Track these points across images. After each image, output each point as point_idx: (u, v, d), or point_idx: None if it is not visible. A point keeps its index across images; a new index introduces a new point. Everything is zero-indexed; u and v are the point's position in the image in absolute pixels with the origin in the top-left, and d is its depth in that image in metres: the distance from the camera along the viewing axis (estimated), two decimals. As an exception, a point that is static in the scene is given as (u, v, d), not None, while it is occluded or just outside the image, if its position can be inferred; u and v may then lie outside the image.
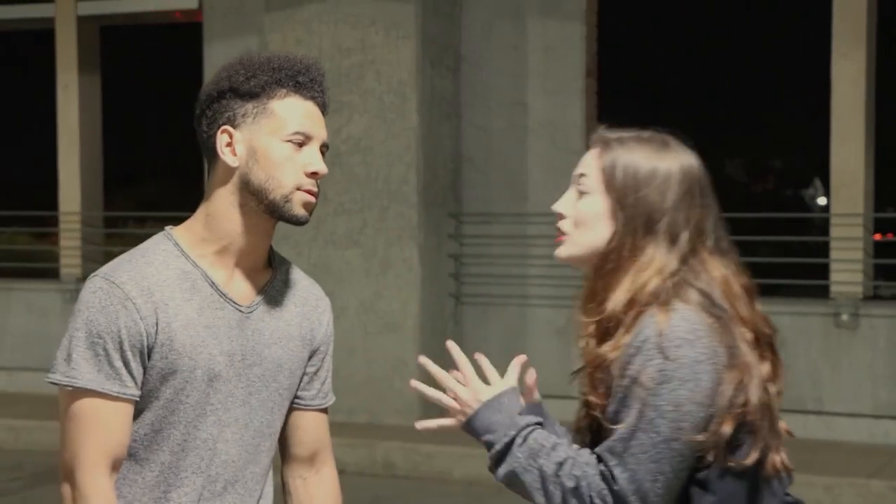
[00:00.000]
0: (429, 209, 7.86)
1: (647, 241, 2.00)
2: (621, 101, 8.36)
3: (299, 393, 2.26)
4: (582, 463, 1.95)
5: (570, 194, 2.08)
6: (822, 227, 8.25)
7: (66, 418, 2.05)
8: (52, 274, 9.75)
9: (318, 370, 2.28)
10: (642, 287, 1.97)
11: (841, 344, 7.37)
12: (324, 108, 2.15)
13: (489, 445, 2.03)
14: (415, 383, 2.18)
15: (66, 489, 2.06)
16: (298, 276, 2.27)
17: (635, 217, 2.00)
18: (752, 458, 1.93)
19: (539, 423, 2.05)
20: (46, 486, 7.13)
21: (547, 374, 8.68)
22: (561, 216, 2.09)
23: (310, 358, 2.26)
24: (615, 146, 2.04)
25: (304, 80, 2.11)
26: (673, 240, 2.00)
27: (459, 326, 8.26)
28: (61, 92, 9.49)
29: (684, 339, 1.91)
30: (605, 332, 2.00)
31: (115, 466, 2.06)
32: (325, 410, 2.32)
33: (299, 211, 2.09)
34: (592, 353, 2.00)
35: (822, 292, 7.61)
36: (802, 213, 9.18)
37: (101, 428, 2.03)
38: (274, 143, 2.07)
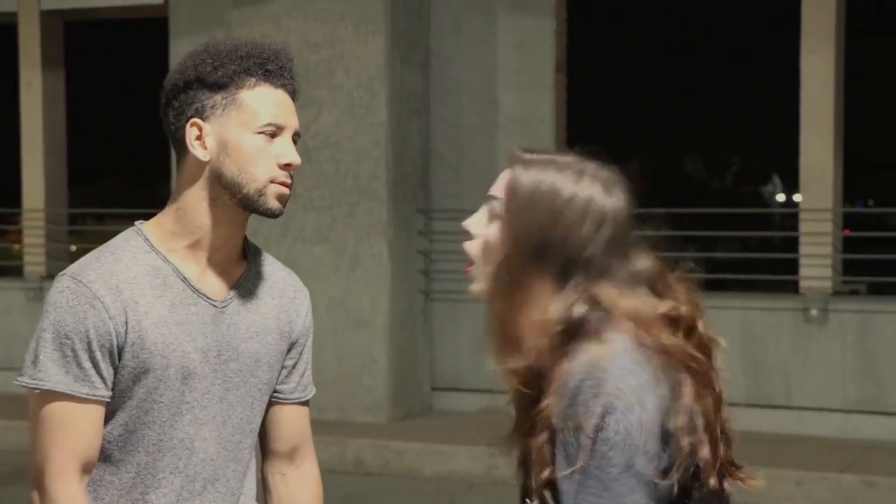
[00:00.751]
0: (398, 205, 7.83)
1: (542, 273, 1.83)
2: (591, 96, 8.36)
3: (278, 387, 2.21)
4: None
5: (482, 214, 1.90)
6: (790, 223, 8.28)
7: (35, 422, 2.00)
8: (15, 272, 9.63)
9: (296, 363, 2.22)
10: (541, 326, 1.81)
11: (810, 339, 7.39)
12: (294, 95, 2.09)
13: None
14: None
15: (35, 495, 2.00)
16: (275, 267, 2.21)
17: (524, 242, 1.83)
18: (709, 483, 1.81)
19: None
20: (14, 486, 7.04)
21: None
22: (469, 235, 1.92)
23: (288, 351, 2.20)
24: (520, 168, 1.88)
25: (273, 68, 2.05)
26: (564, 276, 1.83)
27: (429, 323, 8.23)
28: (25, 89, 9.37)
29: (625, 368, 1.77)
30: (532, 378, 1.84)
31: (87, 470, 2.01)
32: (305, 403, 2.27)
33: (273, 204, 2.03)
34: (526, 417, 1.84)
35: (792, 288, 7.64)
36: (772, 209, 9.23)
37: (71, 431, 1.97)
38: (245, 135, 2.01)
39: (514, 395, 1.87)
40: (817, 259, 7.52)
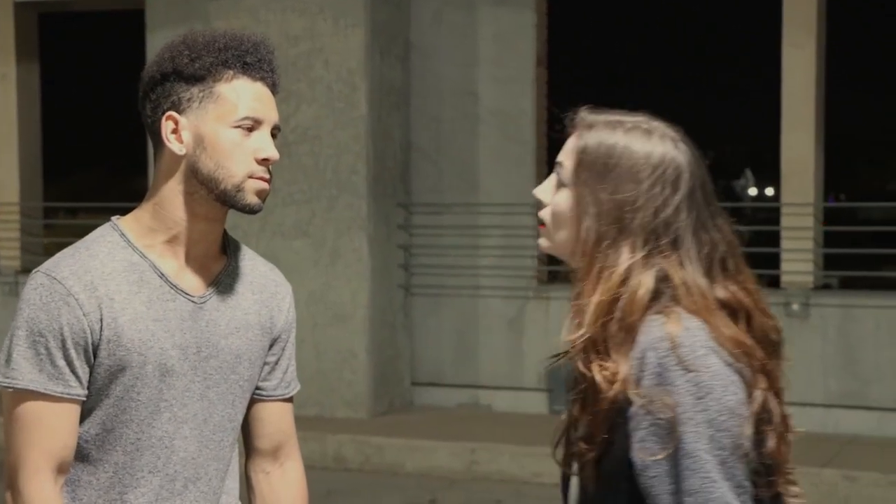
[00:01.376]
0: (378, 199, 7.78)
1: (618, 241, 1.78)
2: (572, 90, 8.32)
3: (260, 383, 2.16)
4: None
5: (551, 181, 1.89)
6: (771, 217, 8.27)
7: (9, 421, 1.95)
8: (-10, 267, 9.54)
9: (279, 359, 2.18)
10: (612, 297, 1.76)
11: (791, 333, 7.38)
12: (274, 88, 2.04)
13: None
14: None
15: (8, 495, 1.96)
16: (256, 262, 2.16)
17: (603, 213, 1.79)
18: (773, 487, 1.75)
19: None
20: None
21: (497, 366, 8.69)
22: (540, 204, 1.89)
23: (270, 347, 2.15)
24: (587, 132, 1.84)
25: (252, 61, 2.00)
26: (645, 242, 1.78)
27: (409, 318, 8.19)
28: (-1, 81, 9.28)
29: (707, 346, 1.71)
30: (593, 349, 1.77)
31: (62, 470, 1.96)
32: (289, 400, 2.22)
33: (252, 200, 1.99)
34: (586, 386, 1.77)
35: (773, 282, 7.62)
36: (752, 204, 9.23)
37: (45, 431, 1.93)
38: (222, 129, 1.97)
39: (573, 369, 1.81)
40: (799, 253, 7.51)
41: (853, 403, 7.28)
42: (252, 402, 2.16)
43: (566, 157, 1.86)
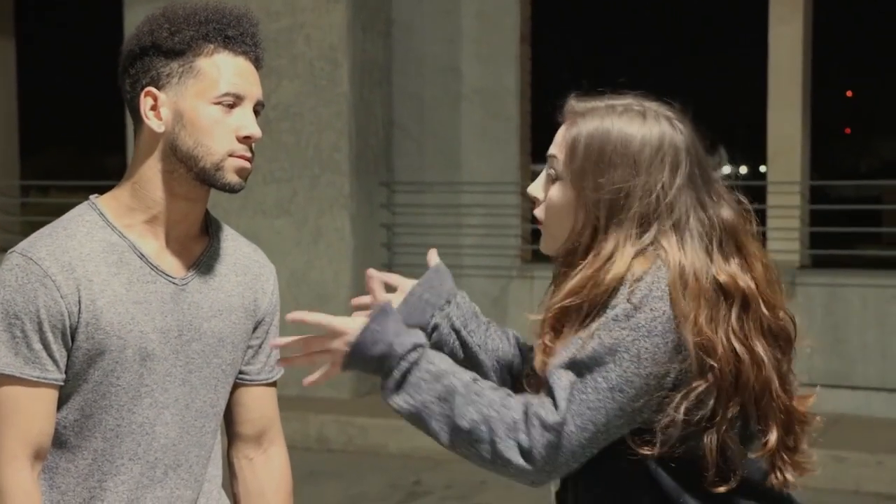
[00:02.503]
0: (361, 178, 7.70)
1: (610, 231, 1.72)
2: (556, 67, 8.25)
3: (244, 368, 2.10)
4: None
5: (542, 177, 1.83)
6: (757, 195, 8.23)
7: None
8: (-33, 246, 9.43)
9: (262, 342, 2.12)
10: (600, 276, 1.70)
11: (777, 312, 7.34)
12: (257, 63, 1.97)
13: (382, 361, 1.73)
14: (278, 341, 1.89)
15: None
16: (238, 243, 2.10)
17: (600, 202, 1.72)
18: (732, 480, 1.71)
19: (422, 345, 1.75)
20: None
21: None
22: (535, 200, 1.84)
23: (254, 330, 2.09)
24: (578, 121, 1.77)
25: (234, 34, 1.92)
26: (644, 228, 1.72)
27: (392, 297, 8.11)
28: (-26, 57, 9.15)
29: (664, 291, 1.67)
30: (550, 328, 1.74)
31: (39, 456, 1.90)
32: (272, 385, 2.17)
33: (232, 178, 1.92)
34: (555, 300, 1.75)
35: (759, 261, 7.58)
36: (739, 182, 9.19)
37: (21, 416, 1.86)
38: (201, 105, 1.90)
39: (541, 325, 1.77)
40: (785, 232, 7.47)
41: (839, 383, 7.26)
42: (235, 386, 2.10)
43: (558, 149, 1.80)
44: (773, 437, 1.73)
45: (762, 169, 9.82)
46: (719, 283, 1.71)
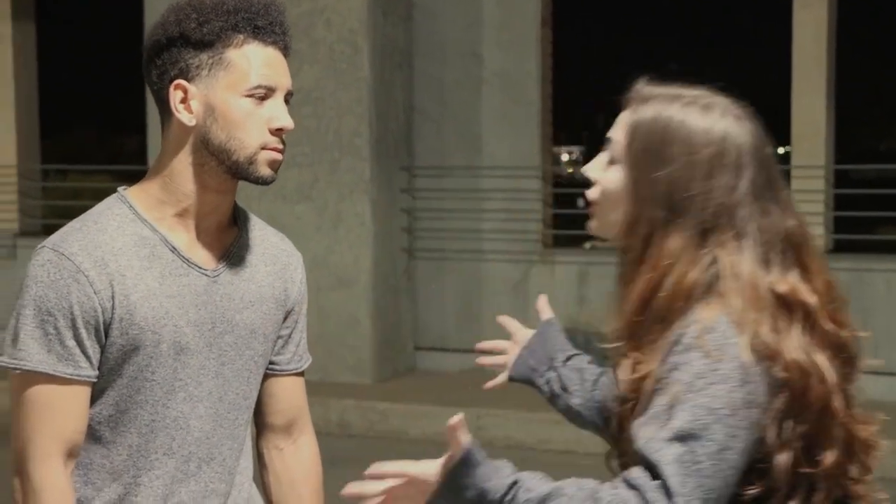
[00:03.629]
0: (381, 162, 7.68)
1: (669, 226, 1.66)
2: (577, 51, 8.20)
3: (273, 358, 2.09)
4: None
5: (601, 158, 1.77)
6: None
7: (16, 404, 1.87)
8: (-12, 230, 9.46)
9: (292, 332, 2.10)
10: (655, 286, 1.65)
11: (800, 298, 7.30)
12: (286, 51, 1.94)
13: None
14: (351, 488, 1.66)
15: (16, 481, 1.88)
16: (266, 232, 2.09)
17: (656, 195, 1.66)
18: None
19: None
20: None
21: (502, 331, 8.58)
22: (590, 181, 1.78)
23: (284, 319, 2.08)
24: (642, 105, 1.71)
25: (263, 24, 1.89)
26: (702, 232, 1.65)
27: (412, 282, 8.10)
28: (-5, 41, 9.17)
29: (733, 339, 1.58)
30: (629, 340, 1.68)
31: (72, 454, 1.88)
32: (301, 374, 2.15)
33: (265, 171, 1.91)
34: (628, 379, 1.67)
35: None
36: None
37: (55, 413, 1.85)
38: (233, 98, 1.87)
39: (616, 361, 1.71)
40: (809, 217, 7.40)
41: (865, 369, 7.21)
42: (264, 377, 2.09)
43: (618, 132, 1.74)
44: (830, 457, 1.64)
45: (780, 150, 9.77)
46: (779, 294, 1.64)
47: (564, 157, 29.48)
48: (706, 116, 1.68)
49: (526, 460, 6.63)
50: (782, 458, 1.61)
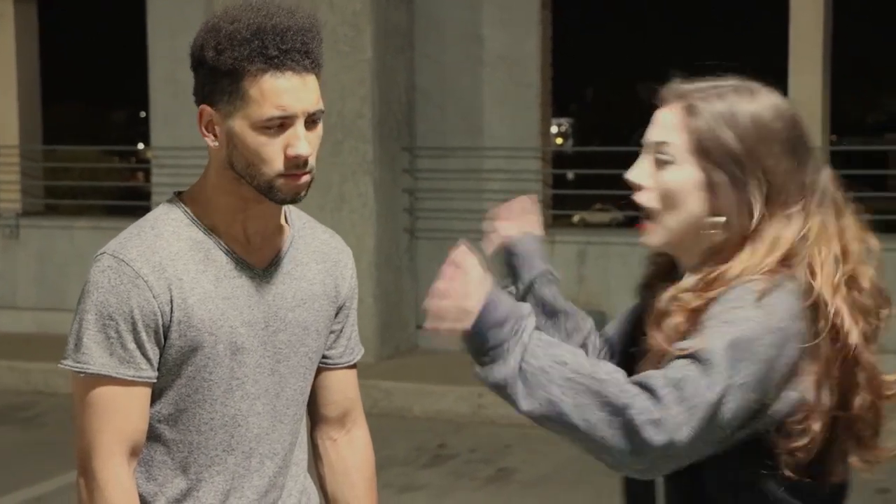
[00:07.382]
0: (384, 143, 7.74)
1: (768, 215, 1.70)
2: (577, 33, 8.26)
3: (326, 352, 2.15)
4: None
5: (646, 163, 1.75)
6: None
7: (80, 406, 1.93)
8: (-10, 210, 9.49)
9: (343, 326, 2.16)
10: (765, 262, 1.68)
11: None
12: (311, 68, 1.91)
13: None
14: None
15: (81, 480, 1.94)
16: (316, 229, 2.14)
17: (748, 186, 1.69)
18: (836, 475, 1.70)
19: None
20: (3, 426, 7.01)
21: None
22: (638, 187, 1.76)
23: (336, 315, 2.13)
24: (700, 104, 1.73)
25: (275, 53, 1.85)
26: (795, 207, 1.70)
27: (415, 262, 8.19)
28: (-3, 21, 9.17)
29: (788, 310, 1.64)
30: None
31: (134, 453, 1.95)
32: (353, 366, 2.21)
33: (287, 196, 1.92)
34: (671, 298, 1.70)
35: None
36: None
37: (117, 415, 1.91)
38: (248, 129, 1.88)
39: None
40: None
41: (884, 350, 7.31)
42: (318, 370, 2.15)
43: (671, 133, 1.74)
44: (858, 400, 1.70)
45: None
46: (839, 253, 1.71)
47: (553, 129, 29.46)
48: (762, 98, 1.73)
49: (527, 438, 6.73)
50: (822, 399, 1.67)
